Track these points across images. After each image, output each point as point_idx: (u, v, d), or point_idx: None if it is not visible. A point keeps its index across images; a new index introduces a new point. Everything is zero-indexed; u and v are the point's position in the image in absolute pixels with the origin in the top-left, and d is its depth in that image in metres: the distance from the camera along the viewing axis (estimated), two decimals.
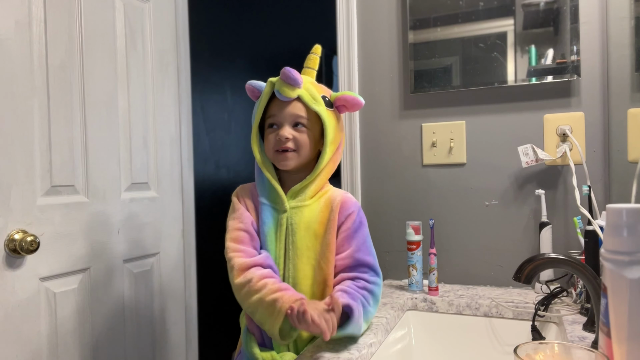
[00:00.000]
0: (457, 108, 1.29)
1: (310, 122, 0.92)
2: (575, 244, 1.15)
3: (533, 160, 1.17)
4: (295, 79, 0.89)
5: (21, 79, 1.13)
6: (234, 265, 0.88)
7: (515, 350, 0.54)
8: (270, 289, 0.83)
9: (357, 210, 0.95)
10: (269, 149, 0.93)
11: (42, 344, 1.17)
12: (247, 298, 0.86)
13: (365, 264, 0.91)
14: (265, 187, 0.95)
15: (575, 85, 1.18)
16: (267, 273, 0.87)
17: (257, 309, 0.84)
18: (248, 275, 0.86)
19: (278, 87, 0.90)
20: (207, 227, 2.11)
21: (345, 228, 0.93)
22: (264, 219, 0.94)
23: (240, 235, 0.92)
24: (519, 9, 1.20)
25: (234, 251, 0.90)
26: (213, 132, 2.43)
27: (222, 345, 2.42)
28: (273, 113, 0.93)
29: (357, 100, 0.95)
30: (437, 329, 1.13)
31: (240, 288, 0.87)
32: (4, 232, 1.08)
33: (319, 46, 0.98)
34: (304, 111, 0.91)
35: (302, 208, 0.93)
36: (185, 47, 1.75)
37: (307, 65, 0.98)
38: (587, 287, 0.78)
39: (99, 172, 1.34)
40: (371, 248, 0.94)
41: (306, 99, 0.91)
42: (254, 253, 0.91)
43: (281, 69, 0.89)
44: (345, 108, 0.96)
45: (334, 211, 0.93)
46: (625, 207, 0.53)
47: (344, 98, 0.94)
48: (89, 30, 1.32)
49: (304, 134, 0.92)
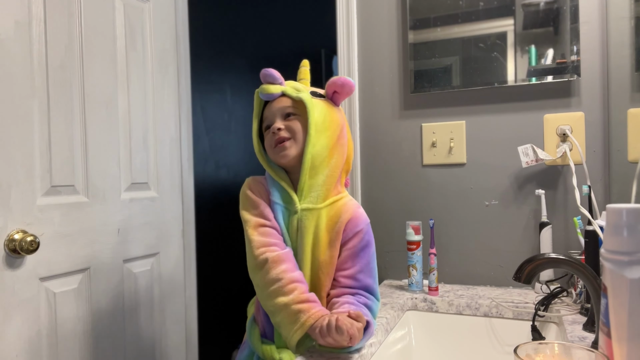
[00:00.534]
0: (457, 108, 1.29)
1: (300, 109, 0.92)
2: (575, 244, 1.15)
3: (533, 160, 1.17)
4: (272, 75, 0.92)
5: (21, 79, 1.13)
6: (268, 258, 0.85)
7: (515, 350, 0.54)
8: (298, 297, 0.81)
9: (366, 229, 0.92)
10: (269, 150, 0.93)
11: (42, 344, 1.17)
12: (272, 297, 0.83)
13: (367, 287, 0.89)
14: (277, 188, 0.94)
15: (575, 85, 1.18)
16: (297, 276, 0.85)
17: (280, 312, 0.82)
18: (280, 274, 0.83)
19: (260, 89, 0.93)
20: (207, 227, 2.11)
21: (351, 246, 0.90)
22: (278, 219, 0.92)
23: (267, 230, 0.90)
24: (519, 9, 1.20)
25: (265, 245, 0.87)
26: (213, 132, 2.43)
27: (222, 345, 2.42)
28: (265, 116, 0.95)
29: (345, 80, 0.93)
30: (437, 329, 1.13)
31: (268, 284, 0.84)
32: (4, 232, 1.09)
33: (307, 60, 1.02)
34: (290, 102, 0.92)
35: (313, 211, 0.91)
36: (185, 47, 1.75)
37: (300, 77, 0.99)
38: (587, 287, 0.78)
39: (99, 172, 1.34)
40: (374, 271, 0.92)
41: (289, 92, 0.92)
42: (283, 246, 0.90)
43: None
44: (337, 94, 0.94)
45: (341, 224, 0.90)
46: (625, 207, 0.53)
47: (332, 82, 0.93)
48: (89, 30, 1.32)
49: (296, 121, 0.91)
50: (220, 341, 2.39)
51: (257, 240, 0.88)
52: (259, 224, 0.90)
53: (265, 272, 0.85)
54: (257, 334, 0.92)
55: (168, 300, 1.63)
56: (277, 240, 0.89)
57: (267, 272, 0.85)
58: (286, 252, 0.88)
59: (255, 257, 0.87)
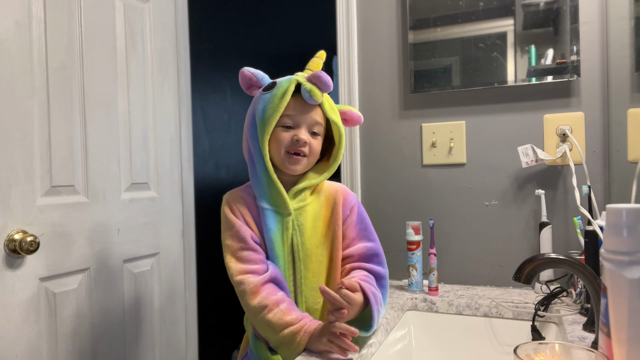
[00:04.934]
0: (457, 108, 1.29)
1: (322, 130, 0.92)
2: (575, 244, 1.15)
3: (533, 160, 1.17)
4: (330, 86, 0.86)
5: (21, 79, 1.13)
6: (246, 289, 0.85)
7: (515, 350, 0.54)
8: (287, 320, 0.82)
9: (358, 202, 0.98)
10: (279, 149, 0.88)
11: (42, 344, 1.17)
12: (263, 325, 0.84)
13: (376, 253, 0.93)
14: (265, 191, 0.90)
15: (575, 85, 1.18)
16: (280, 297, 0.85)
17: (274, 337, 0.84)
18: (263, 301, 0.84)
19: (309, 89, 0.86)
20: (207, 227, 2.11)
21: (351, 221, 0.94)
22: (269, 224, 0.90)
23: (244, 254, 0.88)
24: (519, 9, 1.20)
25: (241, 273, 0.87)
26: (213, 132, 2.43)
27: (222, 345, 2.42)
28: (290, 112, 0.88)
29: (359, 118, 0.97)
30: (437, 329, 1.13)
31: (256, 313, 0.85)
32: (4, 232, 1.08)
33: (324, 52, 0.94)
34: (322, 118, 0.91)
35: (304, 207, 0.92)
36: (185, 47, 1.75)
37: (311, 67, 0.91)
38: (587, 287, 0.78)
39: (99, 172, 1.34)
40: (374, 233, 0.96)
41: (326, 108, 0.90)
42: (263, 269, 0.88)
43: (313, 73, 0.86)
44: (345, 121, 0.96)
45: (338, 205, 0.93)
46: (625, 207, 0.53)
47: (350, 114, 0.96)
48: (89, 30, 1.32)
49: (318, 142, 0.91)
50: (220, 341, 2.39)
51: (233, 267, 0.89)
52: (236, 248, 0.89)
53: (247, 302, 0.86)
54: (262, 346, 0.91)
55: (168, 301, 1.63)
56: (254, 266, 0.88)
57: (248, 302, 0.86)
58: (263, 278, 0.87)
59: (236, 286, 0.88)
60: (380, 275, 0.91)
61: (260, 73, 0.92)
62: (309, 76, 0.87)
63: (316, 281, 0.92)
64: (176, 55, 1.70)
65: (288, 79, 0.88)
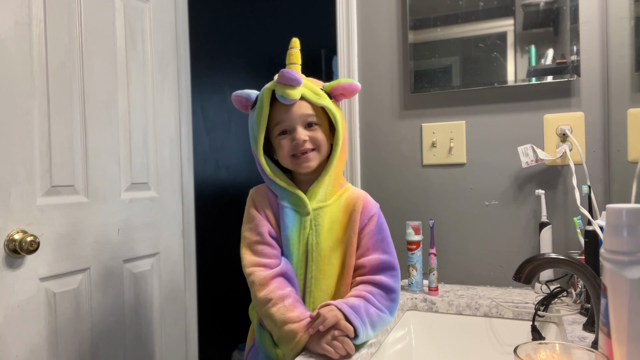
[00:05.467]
0: (457, 108, 1.29)
1: (320, 118, 0.91)
2: (575, 244, 1.15)
3: (533, 160, 1.17)
4: (297, 79, 0.86)
5: (21, 79, 1.13)
6: (254, 280, 0.87)
7: (515, 350, 0.54)
8: (289, 317, 0.83)
9: (378, 212, 0.95)
10: (284, 156, 0.90)
11: (42, 344, 1.17)
12: (267, 317, 0.86)
13: (390, 266, 0.91)
14: (284, 192, 0.92)
15: (575, 85, 1.18)
16: (287, 293, 0.86)
17: (276, 331, 0.85)
18: (269, 295, 0.85)
19: (280, 92, 0.86)
20: (207, 227, 2.11)
21: (368, 230, 0.92)
22: (287, 222, 0.91)
23: (259, 248, 0.91)
24: (519, 9, 1.20)
25: (253, 265, 0.89)
26: (213, 132, 2.43)
27: (221, 345, 2.42)
28: (280, 119, 0.89)
29: (355, 86, 0.92)
30: (437, 329, 1.13)
31: (261, 305, 0.86)
32: (4, 232, 1.09)
33: (296, 39, 0.92)
34: (311, 109, 0.90)
35: (324, 209, 0.92)
36: (185, 47, 1.75)
37: (291, 61, 0.90)
38: (587, 287, 0.78)
39: (99, 172, 1.34)
40: (391, 245, 0.93)
41: (309, 96, 0.89)
42: (275, 264, 0.90)
43: (278, 73, 0.87)
44: (343, 96, 0.93)
45: (356, 212, 0.92)
46: (625, 207, 0.53)
47: (341, 87, 0.92)
48: (89, 30, 1.32)
49: (319, 132, 0.90)
50: (219, 341, 2.39)
51: (247, 259, 0.91)
52: (252, 241, 0.91)
53: (254, 293, 0.88)
54: (268, 337, 0.92)
55: (168, 300, 1.63)
56: (267, 260, 0.90)
57: (256, 294, 0.87)
58: (273, 272, 0.88)
59: (246, 276, 0.90)
60: (391, 289, 0.89)
61: (246, 92, 0.93)
62: (277, 79, 0.88)
63: (326, 283, 0.92)
64: (176, 55, 1.70)
65: (263, 90, 0.90)
